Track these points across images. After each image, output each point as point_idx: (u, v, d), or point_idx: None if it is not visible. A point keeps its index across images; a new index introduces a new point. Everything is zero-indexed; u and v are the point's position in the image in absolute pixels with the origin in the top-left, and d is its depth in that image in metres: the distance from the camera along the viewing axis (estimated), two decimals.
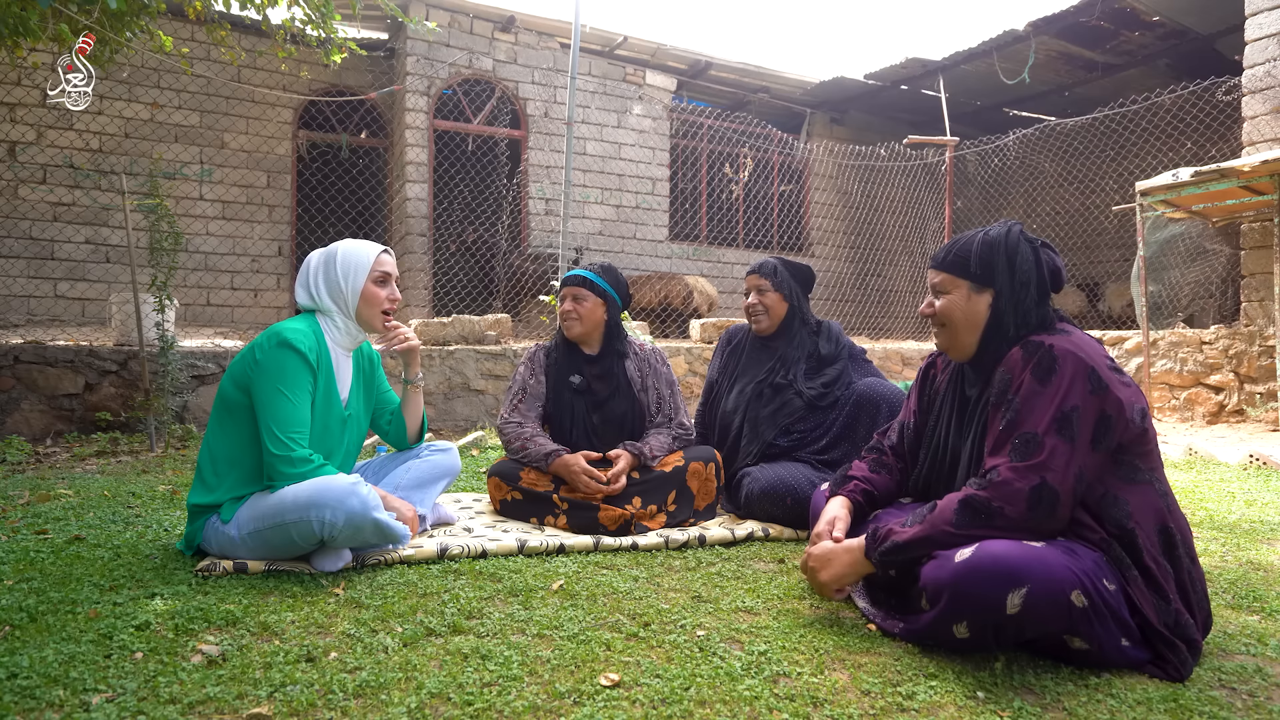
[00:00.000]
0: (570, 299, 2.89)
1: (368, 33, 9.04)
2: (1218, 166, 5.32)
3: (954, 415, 1.83)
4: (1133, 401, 1.60)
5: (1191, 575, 1.60)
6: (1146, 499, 1.60)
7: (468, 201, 9.73)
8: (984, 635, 1.49)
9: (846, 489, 1.97)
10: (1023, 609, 1.43)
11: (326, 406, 2.22)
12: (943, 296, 1.77)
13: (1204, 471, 3.99)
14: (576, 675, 1.44)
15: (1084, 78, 9.79)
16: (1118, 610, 1.50)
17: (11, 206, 7.70)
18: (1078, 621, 1.46)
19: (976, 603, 1.46)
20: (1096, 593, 1.47)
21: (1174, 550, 1.59)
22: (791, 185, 11.48)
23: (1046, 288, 1.72)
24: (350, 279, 2.26)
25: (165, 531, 2.46)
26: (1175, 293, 7.52)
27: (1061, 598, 1.44)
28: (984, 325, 1.73)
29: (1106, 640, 1.49)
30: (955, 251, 1.75)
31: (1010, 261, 1.70)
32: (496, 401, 5.45)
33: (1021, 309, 1.70)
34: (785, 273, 2.97)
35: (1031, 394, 1.59)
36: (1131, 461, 1.61)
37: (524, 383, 2.92)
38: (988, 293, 1.72)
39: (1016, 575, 1.43)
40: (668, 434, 2.83)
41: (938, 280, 1.78)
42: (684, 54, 9.82)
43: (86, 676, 1.38)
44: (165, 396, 4.41)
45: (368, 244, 2.34)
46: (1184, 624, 1.54)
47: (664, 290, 8.62)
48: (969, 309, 1.73)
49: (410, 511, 2.32)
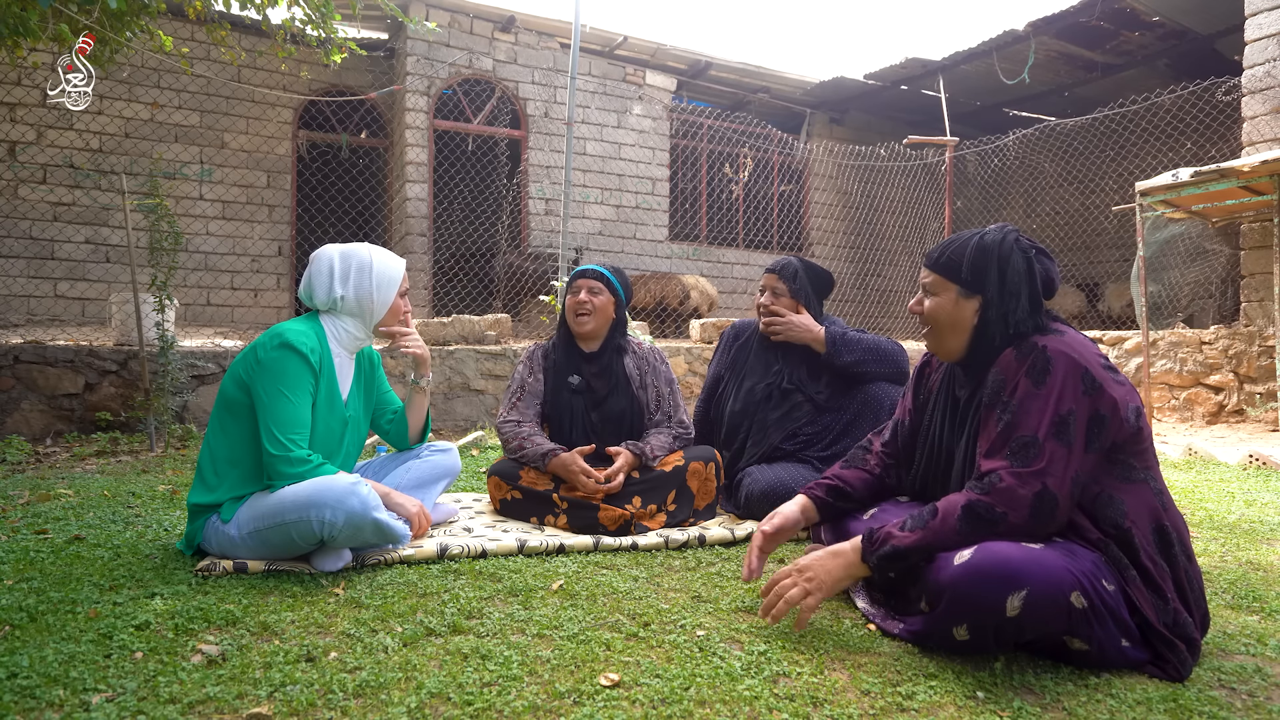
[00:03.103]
0: (586, 290, 2.84)
1: (368, 33, 9.04)
2: (1218, 167, 5.32)
3: (946, 415, 1.84)
4: (1127, 400, 1.61)
5: (1189, 574, 1.60)
6: (1142, 498, 1.60)
7: (468, 201, 9.73)
8: (984, 637, 1.49)
9: (807, 487, 1.98)
10: (1023, 611, 1.43)
11: (327, 408, 2.22)
12: (931, 298, 1.76)
13: (1204, 471, 3.99)
14: (576, 675, 1.44)
15: (1084, 78, 9.80)
16: (1117, 610, 1.50)
17: (11, 206, 7.70)
18: (1077, 623, 1.46)
19: (976, 605, 1.46)
20: (1096, 594, 1.48)
21: (1170, 549, 1.59)
22: (791, 185, 11.48)
23: (1039, 297, 1.70)
24: (383, 291, 2.30)
25: (165, 531, 2.46)
26: (1175, 293, 7.52)
27: (1061, 599, 1.44)
28: (971, 331, 1.72)
29: (1106, 641, 1.49)
30: (949, 254, 1.74)
31: (1001, 271, 1.69)
32: (496, 401, 5.45)
33: (1011, 319, 1.68)
34: (804, 278, 2.95)
35: (1027, 396, 1.59)
36: (1127, 460, 1.61)
37: (522, 381, 2.90)
38: (976, 299, 1.71)
39: (1016, 578, 1.43)
40: (668, 433, 2.82)
41: (929, 280, 1.77)
42: (684, 54, 9.82)
43: (86, 676, 1.38)
44: (165, 396, 4.42)
45: (394, 256, 2.38)
46: (1182, 623, 1.54)
47: (660, 290, 8.60)
48: (956, 313, 1.73)
49: (415, 507, 2.31)
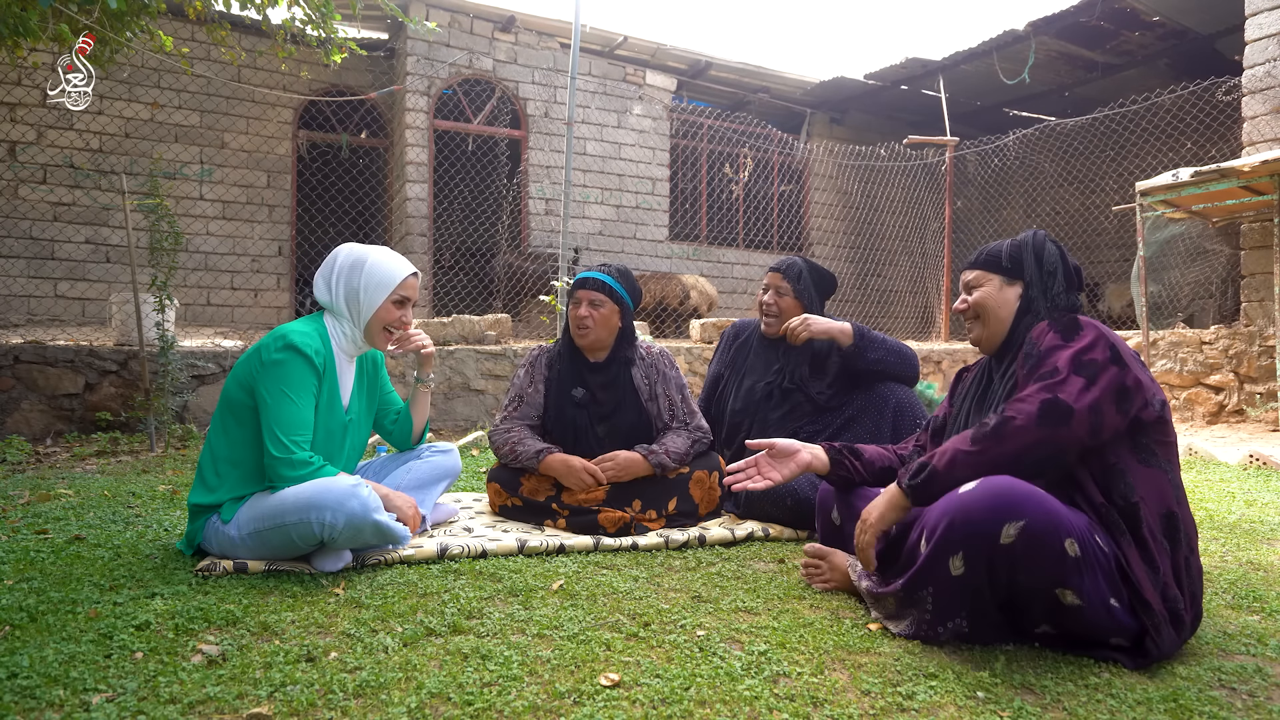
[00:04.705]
0: (587, 304, 2.67)
1: (368, 33, 9.04)
2: (1218, 166, 5.32)
3: (978, 394, 1.93)
4: (1153, 389, 1.65)
5: (1189, 563, 1.62)
6: (1156, 482, 1.63)
7: (468, 201, 9.73)
8: (978, 569, 1.51)
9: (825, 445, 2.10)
10: (1017, 541, 1.47)
11: (328, 411, 2.22)
12: (976, 290, 1.90)
13: (1204, 471, 3.99)
14: (576, 675, 1.44)
15: (1084, 78, 9.79)
16: (1108, 566, 1.53)
17: (12, 206, 7.70)
18: (1069, 571, 1.48)
19: (974, 529, 1.50)
20: (1090, 545, 1.51)
21: (1175, 534, 1.61)
22: (791, 185, 11.47)
23: (1073, 279, 1.84)
24: (370, 293, 2.24)
25: (165, 531, 2.46)
26: (1175, 293, 7.52)
27: (1055, 540, 1.48)
28: (1015, 313, 1.85)
29: (1095, 595, 1.50)
30: (987, 253, 1.91)
31: (1038, 255, 1.84)
32: (496, 401, 5.45)
33: (1050, 295, 1.82)
34: (808, 279, 2.93)
35: (1054, 346, 1.68)
36: (1149, 445, 1.64)
37: (521, 391, 2.80)
38: (1018, 284, 1.86)
39: (1015, 507, 1.48)
40: (686, 436, 2.71)
41: (970, 278, 1.92)
42: (684, 54, 9.82)
43: (86, 676, 1.38)
44: (165, 396, 4.42)
45: (399, 262, 2.30)
46: (1172, 597, 1.56)
47: (660, 290, 8.58)
48: (1001, 298, 1.86)
49: (412, 509, 2.31)
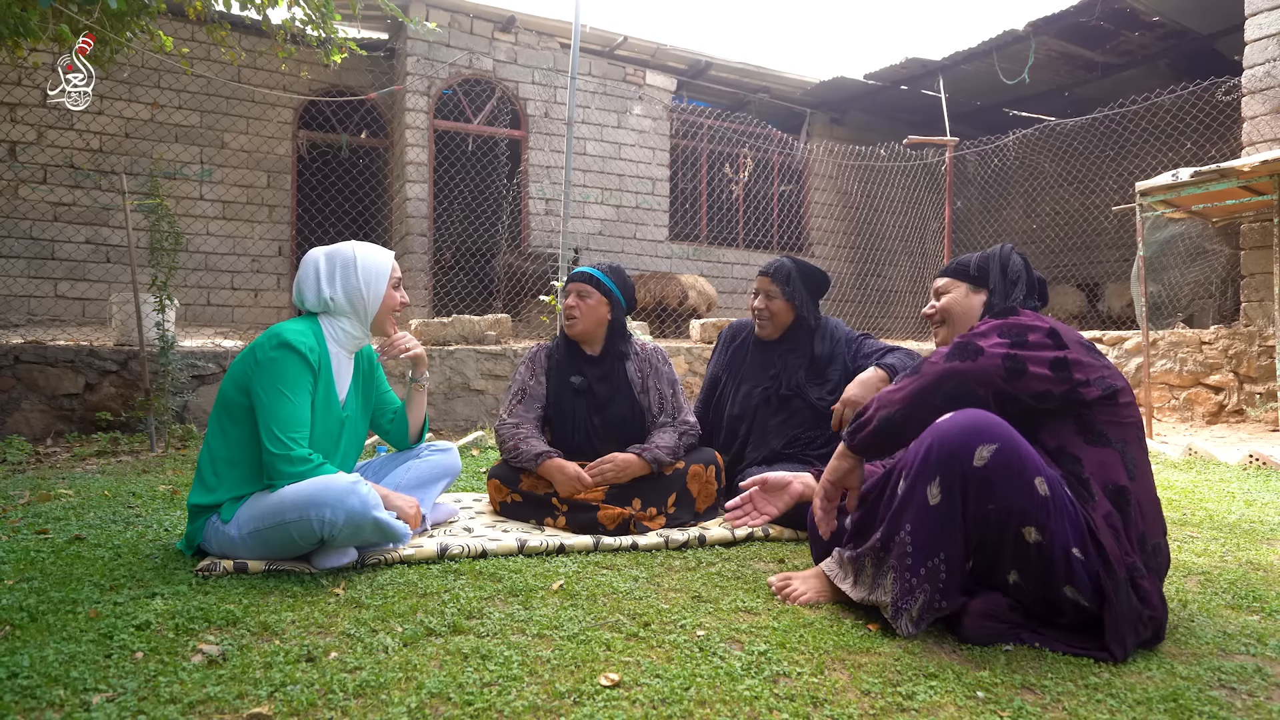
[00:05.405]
0: (574, 294, 2.86)
1: (368, 33, 9.04)
2: (1218, 167, 5.32)
3: None
4: (1100, 371, 1.69)
5: (1145, 536, 1.64)
6: (1105, 459, 1.66)
7: (468, 201, 9.73)
8: (953, 497, 1.56)
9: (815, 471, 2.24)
10: (990, 464, 1.53)
11: (325, 408, 2.21)
12: (944, 296, 2.03)
13: (1204, 471, 3.99)
14: (576, 675, 1.44)
15: (1084, 78, 9.79)
16: (1076, 519, 1.57)
17: (12, 206, 7.70)
18: (1038, 508, 1.54)
19: (948, 451, 1.56)
20: (1060, 493, 1.56)
21: (1125, 506, 1.64)
22: (791, 185, 11.48)
23: (1035, 288, 1.94)
24: (373, 286, 2.28)
25: (165, 531, 2.46)
26: (1175, 293, 7.52)
27: (1026, 473, 1.54)
28: (978, 319, 1.93)
29: (1059, 537, 1.55)
30: (957, 263, 2.05)
31: (1003, 266, 1.96)
32: (496, 401, 5.45)
33: (1009, 301, 1.90)
34: (798, 279, 2.91)
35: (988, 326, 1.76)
36: (1095, 426, 1.68)
37: (523, 384, 2.89)
38: (983, 292, 1.98)
39: (989, 432, 1.55)
40: (673, 431, 2.78)
41: (940, 284, 2.05)
42: (684, 54, 9.82)
43: (87, 676, 1.38)
44: (165, 396, 4.42)
45: (381, 249, 2.35)
46: (1133, 566, 1.59)
47: (659, 290, 8.58)
48: (966, 304, 1.99)
49: (413, 509, 2.31)
